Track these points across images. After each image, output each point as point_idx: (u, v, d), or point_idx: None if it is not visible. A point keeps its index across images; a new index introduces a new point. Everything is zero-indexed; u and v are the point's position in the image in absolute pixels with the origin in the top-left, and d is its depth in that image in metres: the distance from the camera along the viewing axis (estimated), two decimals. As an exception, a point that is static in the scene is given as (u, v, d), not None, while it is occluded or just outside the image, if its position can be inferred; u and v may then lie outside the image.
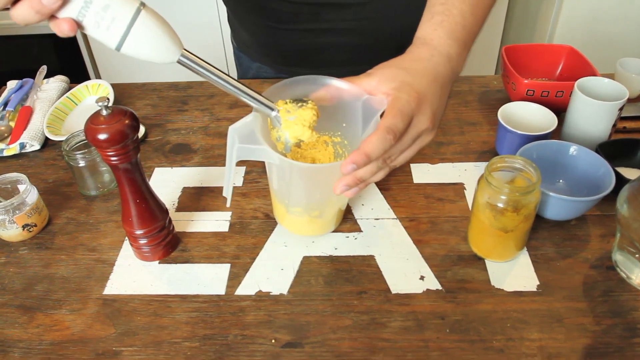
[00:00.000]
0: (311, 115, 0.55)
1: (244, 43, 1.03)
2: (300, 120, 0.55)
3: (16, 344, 0.58)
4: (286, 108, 0.55)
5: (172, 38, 0.48)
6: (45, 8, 0.44)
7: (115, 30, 0.46)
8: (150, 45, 0.47)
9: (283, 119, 0.55)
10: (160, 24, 0.47)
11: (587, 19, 1.71)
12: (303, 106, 0.55)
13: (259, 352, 0.56)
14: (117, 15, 0.45)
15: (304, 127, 0.55)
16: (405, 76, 0.57)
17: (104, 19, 0.45)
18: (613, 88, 0.77)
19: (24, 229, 0.69)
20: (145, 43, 0.47)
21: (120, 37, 0.46)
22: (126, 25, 0.45)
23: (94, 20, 0.45)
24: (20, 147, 0.85)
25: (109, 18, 0.45)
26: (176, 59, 0.49)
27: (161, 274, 0.65)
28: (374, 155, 0.52)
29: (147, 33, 0.46)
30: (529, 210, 0.59)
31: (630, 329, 0.57)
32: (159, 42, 0.47)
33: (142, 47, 0.47)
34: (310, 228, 0.67)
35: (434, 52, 0.60)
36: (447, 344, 0.56)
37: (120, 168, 0.59)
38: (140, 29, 0.46)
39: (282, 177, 0.60)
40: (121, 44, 0.46)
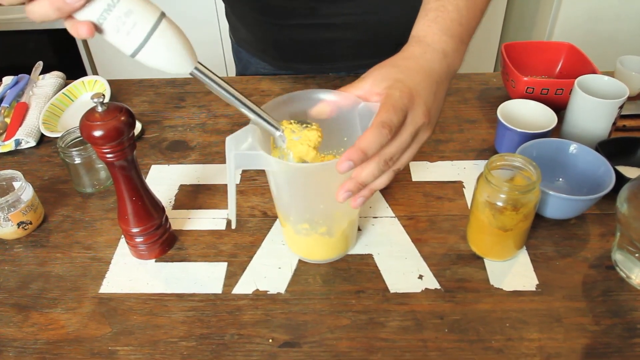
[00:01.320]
0: (316, 137, 0.56)
1: (242, 39, 1.03)
2: (305, 140, 0.55)
3: (11, 343, 0.58)
4: (291, 128, 0.55)
5: (188, 50, 0.48)
6: (68, 6, 0.43)
7: (135, 36, 0.45)
8: (167, 56, 0.46)
9: (288, 139, 0.55)
10: (179, 35, 0.47)
11: (587, 17, 1.71)
12: (308, 127, 0.56)
13: (256, 352, 0.56)
14: (138, 22, 0.44)
15: (309, 147, 0.55)
16: (397, 74, 0.56)
17: (125, 24, 0.44)
18: (613, 86, 0.76)
19: (19, 226, 0.68)
20: (162, 53, 0.46)
21: (139, 44, 0.45)
22: (147, 33, 0.45)
23: (115, 24, 0.44)
24: (16, 143, 0.84)
25: (131, 24, 0.44)
26: (190, 71, 0.48)
27: (157, 273, 0.65)
28: (369, 150, 0.50)
29: (165, 43, 0.46)
30: (529, 209, 0.59)
31: (629, 329, 0.57)
32: (175, 53, 0.47)
33: (159, 57, 0.46)
34: (322, 250, 0.64)
35: (427, 49, 0.59)
36: (446, 344, 0.56)
37: (116, 165, 0.58)
38: (159, 38, 0.45)
39: (282, 186, 0.59)
40: (138, 51, 0.46)
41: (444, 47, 0.60)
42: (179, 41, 0.47)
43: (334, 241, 0.63)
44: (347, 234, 0.64)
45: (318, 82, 0.97)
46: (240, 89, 0.99)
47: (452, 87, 0.95)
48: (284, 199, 0.60)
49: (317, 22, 0.90)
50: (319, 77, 0.99)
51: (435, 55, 0.59)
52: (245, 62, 1.05)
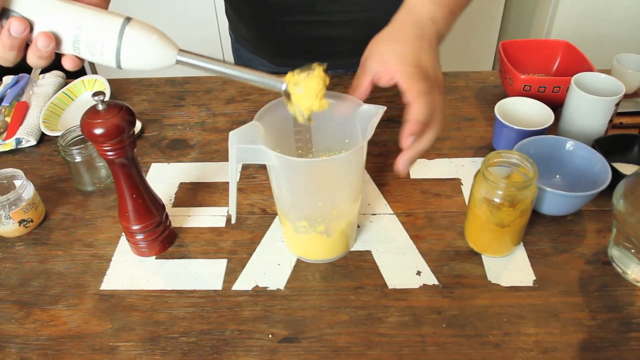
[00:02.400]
0: (318, 84, 0.53)
1: (241, 35, 1.04)
2: (307, 91, 0.53)
3: (13, 339, 0.58)
4: (294, 80, 0.54)
5: (164, 42, 0.49)
6: (45, 52, 0.48)
7: (108, 53, 0.48)
8: (145, 56, 0.49)
9: (292, 93, 0.54)
10: (148, 33, 0.49)
11: (584, 15, 1.71)
12: (310, 75, 0.54)
13: (256, 347, 0.57)
14: (105, 41, 0.48)
15: (313, 97, 0.54)
16: (400, 48, 0.59)
17: (95, 47, 0.48)
18: (610, 83, 0.77)
19: (21, 224, 0.69)
20: (139, 55, 0.49)
21: (115, 57, 0.49)
22: (115, 46, 0.48)
23: (88, 50, 0.49)
24: (17, 142, 0.85)
25: (99, 46, 0.48)
26: (174, 61, 0.50)
27: (158, 270, 0.65)
28: (422, 118, 0.56)
29: (137, 46, 0.48)
30: (526, 205, 0.59)
31: (625, 324, 0.57)
32: (152, 51, 0.49)
33: (138, 59, 0.49)
34: (321, 250, 0.65)
35: (418, 18, 0.62)
36: (444, 339, 0.57)
37: (117, 163, 0.59)
38: (129, 45, 0.48)
39: (282, 181, 0.59)
40: (119, 63, 0.49)
41: (433, 15, 0.63)
42: (150, 39, 0.49)
43: (332, 241, 0.63)
44: (345, 234, 0.64)
45: (317, 81, 0.97)
46: (239, 87, 1.00)
47: (450, 86, 0.96)
48: (284, 195, 0.61)
49: (315, 19, 0.91)
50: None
51: (426, 22, 0.62)
52: (245, 59, 1.05)
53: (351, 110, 0.60)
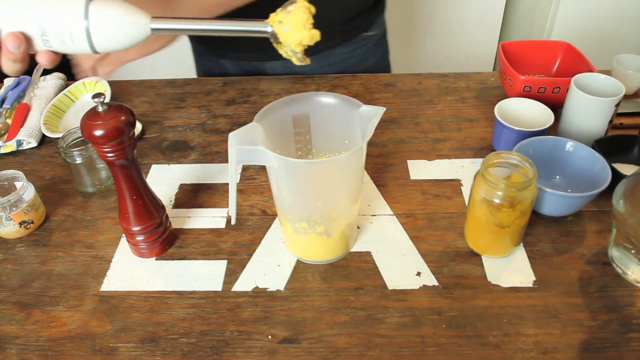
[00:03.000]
0: (302, 15, 0.50)
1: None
2: (294, 25, 0.51)
3: (13, 340, 0.58)
4: (277, 19, 0.51)
5: (134, 13, 0.47)
6: (17, 54, 0.46)
7: (78, 38, 0.46)
8: (117, 31, 0.47)
9: (279, 32, 0.51)
10: (115, 6, 0.47)
11: (584, 16, 1.71)
12: (293, 8, 0.50)
13: (256, 348, 0.57)
14: (72, 26, 0.46)
15: (302, 29, 0.51)
16: None
17: (64, 34, 0.46)
18: (610, 84, 0.77)
19: (21, 225, 0.69)
20: (111, 32, 0.47)
21: (87, 42, 0.47)
22: (84, 29, 0.46)
23: (58, 40, 0.47)
24: (17, 144, 0.85)
25: (67, 32, 0.46)
26: (149, 30, 0.48)
27: (158, 271, 0.65)
28: None
29: (106, 23, 0.46)
30: (525, 206, 0.59)
31: (625, 324, 0.57)
32: (123, 25, 0.47)
33: (111, 37, 0.47)
34: (321, 251, 0.65)
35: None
36: (444, 340, 0.57)
37: (117, 164, 0.59)
38: (98, 24, 0.46)
39: (282, 182, 0.60)
40: (93, 47, 0.47)
41: None
42: (118, 15, 0.47)
43: (331, 242, 0.64)
44: (345, 235, 0.64)
45: (317, 82, 0.98)
46: (239, 89, 1.00)
47: (451, 87, 0.96)
48: (283, 197, 0.61)
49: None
50: (318, 78, 0.99)
51: None
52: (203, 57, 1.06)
53: (351, 110, 0.59)
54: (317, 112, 0.63)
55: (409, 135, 0.85)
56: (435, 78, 0.99)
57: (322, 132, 0.65)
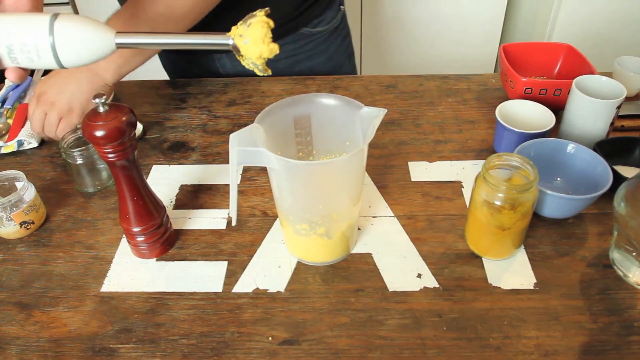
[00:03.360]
0: (261, 29, 0.50)
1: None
2: (253, 39, 0.50)
3: (13, 341, 0.58)
4: (238, 32, 0.51)
5: (98, 29, 0.48)
6: None
7: (45, 54, 0.47)
8: (83, 47, 0.47)
9: (239, 46, 0.51)
10: (80, 23, 0.47)
11: (585, 18, 1.71)
12: (251, 23, 0.50)
13: (256, 350, 0.56)
14: (37, 42, 0.46)
15: (261, 44, 0.51)
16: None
17: (30, 51, 0.46)
18: (611, 86, 0.77)
19: (22, 226, 0.69)
20: (77, 48, 0.47)
21: (53, 56, 0.47)
22: (50, 45, 0.46)
23: (25, 57, 0.47)
24: (18, 144, 0.85)
25: (34, 48, 0.46)
26: (114, 45, 0.48)
27: (158, 272, 0.65)
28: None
29: (72, 39, 0.47)
30: (526, 208, 0.59)
31: (626, 327, 0.57)
32: (88, 40, 0.47)
33: (77, 52, 0.48)
34: (321, 252, 0.65)
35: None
36: (444, 342, 0.56)
37: (118, 165, 0.59)
38: (63, 40, 0.46)
39: (282, 184, 0.59)
40: (60, 62, 0.48)
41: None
42: (83, 30, 0.47)
43: (332, 243, 0.63)
44: (346, 237, 0.64)
45: (318, 83, 0.98)
46: (240, 90, 1.00)
47: (452, 88, 0.96)
48: (284, 198, 0.61)
49: None
50: (319, 79, 0.99)
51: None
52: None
53: (351, 112, 0.59)
54: (318, 113, 0.63)
55: (410, 136, 0.85)
56: (436, 80, 0.99)
57: (323, 133, 0.65)
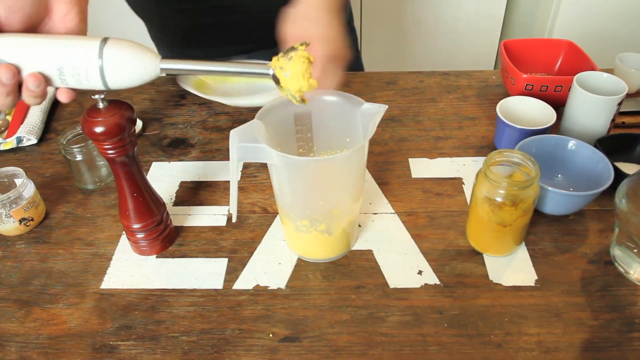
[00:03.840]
0: (303, 64, 0.53)
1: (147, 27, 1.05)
2: (294, 74, 0.53)
3: (13, 338, 0.58)
4: (279, 65, 0.53)
5: (145, 54, 0.50)
6: (37, 92, 0.49)
7: (93, 77, 0.49)
8: (129, 71, 0.50)
9: (280, 78, 0.53)
10: (127, 48, 0.49)
11: (586, 14, 1.71)
12: (294, 56, 0.53)
13: (257, 347, 0.56)
14: (87, 66, 0.49)
15: (301, 79, 0.53)
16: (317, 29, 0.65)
17: (79, 74, 0.49)
18: (612, 83, 0.77)
19: (21, 223, 0.69)
20: (124, 72, 0.49)
21: (100, 79, 0.49)
22: (98, 69, 0.49)
23: (75, 79, 0.49)
24: (17, 141, 0.85)
25: (83, 71, 0.49)
26: (159, 70, 0.51)
27: (158, 269, 0.65)
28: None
29: (119, 64, 0.49)
30: (527, 204, 0.59)
31: (628, 324, 0.57)
32: (134, 65, 0.49)
33: (124, 76, 0.50)
34: (322, 249, 0.64)
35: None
36: (445, 339, 0.56)
37: (117, 161, 0.58)
38: (111, 65, 0.49)
39: (283, 180, 0.59)
40: (107, 84, 0.50)
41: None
42: (130, 55, 0.49)
43: (333, 240, 0.63)
44: (346, 233, 0.64)
45: (318, 80, 0.97)
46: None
47: (452, 85, 0.96)
48: (285, 194, 0.61)
49: (203, 6, 0.91)
50: (319, 75, 0.99)
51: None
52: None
53: (353, 108, 0.59)
54: (318, 109, 0.62)
55: (411, 133, 0.85)
56: (436, 76, 0.99)
57: (323, 129, 0.64)
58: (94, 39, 0.49)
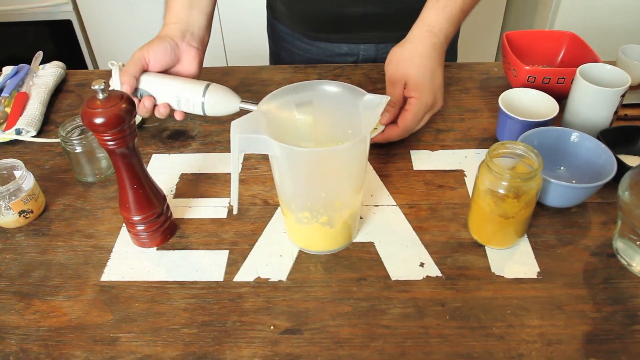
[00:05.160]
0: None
1: (277, 11, 1.06)
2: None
3: (13, 330, 0.58)
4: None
5: (231, 97, 0.74)
6: (164, 114, 0.76)
7: (197, 108, 0.75)
8: (220, 107, 0.75)
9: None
10: (221, 92, 0.75)
11: (589, 6, 1.70)
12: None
13: (258, 339, 0.56)
14: (195, 100, 0.74)
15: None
16: (417, 75, 0.73)
17: (188, 103, 0.75)
18: (615, 75, 0.76)
19: (21, 215, 0.68)
20: (216, 107, 0.75)
21: (201, 109, 0.75)
22: (201, 103, 0.74)
23: (186, 106, 0.75)
24: (16, 133, 0.84)
25: (192, 102, 0.75)
26: (238, 108, 0.74)
27: (159, 261, 0.65)
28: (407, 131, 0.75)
29: (214, 101, 0.74)
30: (530, 196, 0.59)
31: (630, 316, 0.57)
32: (224, 103, 0.75)
33: (216, 109, 0.75)
34: (323, 241, 0.64)
35: (435, 40, 0.74)
36: (447, 331, 0.56)
37: (117, 153, 0.58)
38: (209, 101, 0.74)
39: (284, 172, 0.59)
40: (205, 113, 0.75)
41: (446, 34, 0.76)
42: (222, 97, 0.74)
43: (334, 232, 0.63)
44: (348, 225, 0.64)
45: (319, 72, 0.97)
46: (240, 78, 0.99)
47: (454, 77, 0.95)
48: (286, 186, 0.60)
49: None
50: (320, 67, 0.98)
51: (439, 40, 0.75)
52: (280, 35, 1.08)
53: (354, 100, 0.59)
54: (320, 100, 0.62)
55: (412, 125, 0.84)
56: (438, 68, 0.98)
57: (325, 121, 0.64)
58: (201, 84, 0.74)
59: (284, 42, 1.09)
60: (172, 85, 0.75)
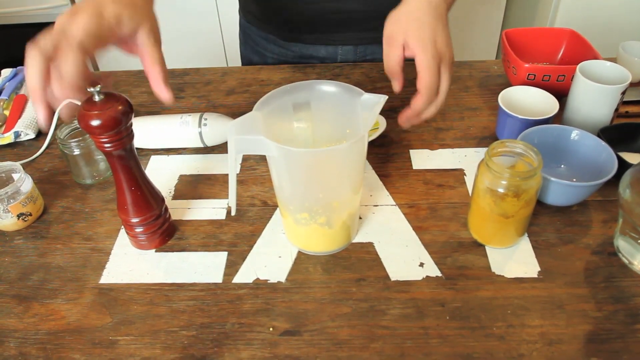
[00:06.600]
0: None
1: (251, 13, 1.04)
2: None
3: (12, 334, 0.58)
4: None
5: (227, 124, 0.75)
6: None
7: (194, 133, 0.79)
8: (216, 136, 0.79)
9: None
10: (219, 120, 0.79)
11: (589, 3, 1.69)
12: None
13: (257, 341, 0.56)
14: (192, 125, 0.78)
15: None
16: (419, 28, 0.66)
17: (187, 124, 0.79)
18: (615, 72, 0.76)
19: (19, 218, 0.68)
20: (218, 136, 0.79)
21: (199, 135, 0.79)
22: (198, 131, 0.79)
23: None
24: (15, 135, 0.84)
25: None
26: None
27: (158, 263, 0.65)
28: (422, 111, 0.67)
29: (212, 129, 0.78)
30: (530, 195, 0.58)
31: (632, 315, 0.56)
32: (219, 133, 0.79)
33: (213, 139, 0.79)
34: (322, 241, 0.64)
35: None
36: (447, 331, 0.56)
37: (114, 155, 0.58)
38: (207, 128, 0.78)
39: (282, 173, 0.59)
40: (203, 143, 0.80)
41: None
42: (219, 123, 0.79)
43: (333, 233, 0.63)
44: (347, 226, 0.63)
45: (318, 72, 0.96)
46: (239, 78, 0.99)
47: (454, 75, 0.94)
48: (284, 187, 0.60)
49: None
50: (319, 67, 0.98)
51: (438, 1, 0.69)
52: (253, 39, 1.06)
53: (352, 99, 0.59)
54: (318, 100, 0.62)
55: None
56: (437, 67, 0.97)
57: (323, 121, 0.64)
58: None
59: (257, 46, 1.06)
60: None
